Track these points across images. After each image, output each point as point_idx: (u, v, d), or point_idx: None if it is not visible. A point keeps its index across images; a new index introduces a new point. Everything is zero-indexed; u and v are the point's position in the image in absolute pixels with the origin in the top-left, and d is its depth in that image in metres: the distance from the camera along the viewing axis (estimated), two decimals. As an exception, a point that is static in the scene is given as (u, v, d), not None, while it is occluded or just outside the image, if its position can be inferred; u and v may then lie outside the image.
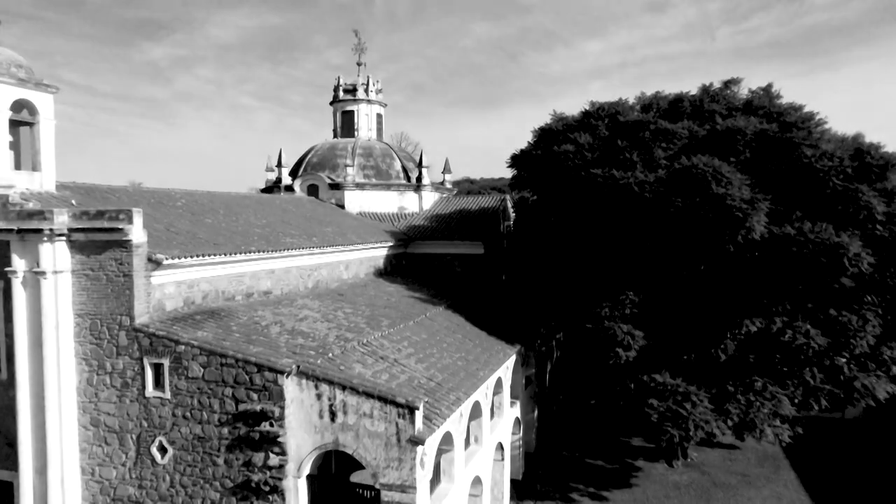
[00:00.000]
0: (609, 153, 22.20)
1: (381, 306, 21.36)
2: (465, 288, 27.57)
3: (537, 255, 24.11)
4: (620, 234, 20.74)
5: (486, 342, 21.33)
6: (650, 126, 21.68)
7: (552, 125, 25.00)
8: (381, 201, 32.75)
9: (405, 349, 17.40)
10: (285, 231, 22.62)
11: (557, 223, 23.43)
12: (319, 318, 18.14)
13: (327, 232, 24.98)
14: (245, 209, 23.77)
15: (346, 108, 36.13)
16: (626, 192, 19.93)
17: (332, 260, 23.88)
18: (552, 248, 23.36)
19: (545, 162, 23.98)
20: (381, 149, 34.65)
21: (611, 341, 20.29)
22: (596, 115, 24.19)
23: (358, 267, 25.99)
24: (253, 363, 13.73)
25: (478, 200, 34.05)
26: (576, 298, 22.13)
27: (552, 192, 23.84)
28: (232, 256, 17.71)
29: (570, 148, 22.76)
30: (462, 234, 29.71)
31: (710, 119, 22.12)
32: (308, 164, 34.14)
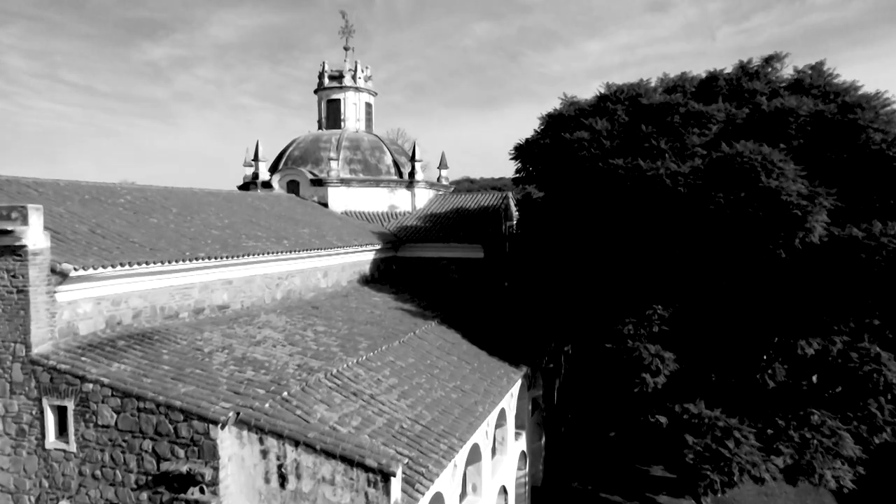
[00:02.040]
0: (631, 141, 18.83)
1: (362, 322, 18.00)
2: (462, 297, 24.22)
3: (545, 260, 20.77)
4: (647, 236, 17.40)
5: (486, 364, 17.97)
6: (679, 109, 18.30)
7: (563, 110, 21.63)
8: (368, 199, 29.38)
9: (386, 380, 14.04)
10: (251, 233, 19.25)
11: (569, 223, 20.07)
12: (282, 339, 14.79)
13: (303, 234, 21.62)
14: (206, 207, 20.42)
15: (331, 97, 32.75)
16: (654, 186, 16.58)
17: (308, 266, 20.53)
18: (563, 253, 20.02)
19: (555, 152, 20.63)
20: (370, 141, 31.29)
21: (636, 365, 16.95)
22: (613, 99, 20.81)
23: (339, 274, 22.64)
24: (178, 409, 10.37)
25: (477, 198, 30.70)
26: (592, 312, 18.78)
27: (563, 186, 20.48)
28: (173, 265, 14.35)
29: (585, 135, 19.40)
30: (459, 236, 26.36)
31: (750, 100, 18.77)
32: (289, 158, 30.78)
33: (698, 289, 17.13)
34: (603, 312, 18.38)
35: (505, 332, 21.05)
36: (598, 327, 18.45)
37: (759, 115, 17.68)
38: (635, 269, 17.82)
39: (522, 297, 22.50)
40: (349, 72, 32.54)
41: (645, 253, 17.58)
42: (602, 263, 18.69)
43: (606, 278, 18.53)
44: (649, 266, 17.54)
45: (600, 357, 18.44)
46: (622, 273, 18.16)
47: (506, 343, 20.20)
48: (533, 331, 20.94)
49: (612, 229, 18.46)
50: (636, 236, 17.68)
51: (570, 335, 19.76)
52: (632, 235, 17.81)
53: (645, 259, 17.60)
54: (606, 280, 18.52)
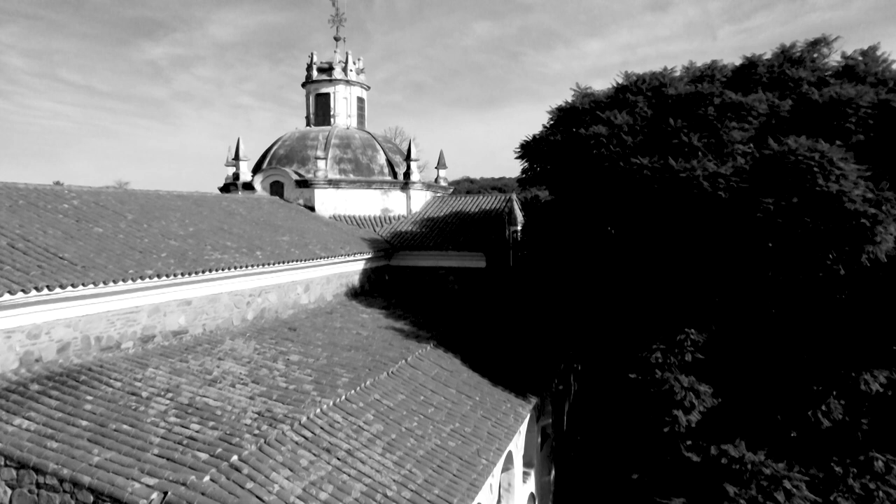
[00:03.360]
0: (656, 137, 16.32)
1: (346, 347, 15.48)
2: (462, 311, 21.70)
3: (557, 272, 18.29)
4: (678, 248, 14.91)
5: (490, 396, 15.45)
6: (713, 99, 15.79)
7: (576, 103, 19.09)
8: (359, 201, 26.85)
9: (369, 426, 11.52)
10: (219, 243, 16.73)
11: (584, 230, 17.59)
12: (245, 374, 12.27)
13: (282, 242, 19.10)
14: (169, 213, 17.88)
15: (320, 91, 30.22)
16: (688, 190, 14.06)
17: (286, 280, 18.01)
18: (577, 264, 17.54)
19: (567, 150, 18.11)
20: (362, 139, 28.76)
21: (665, 399, 14.46)
22: (634, 89, 18.28)
23: (323, 287, 20.11)
24: (86, 487, 7.87)
25: (478, 201, 28.18)
26: (612, 336, 16.30)
27: (576, 188, 17.96)
28: (111, 286, 11.84)
29: (603, 130, 16.87)
30: (459, 243, 23.84)
31: (796, 89, 16.24)
32: (273, 157, 28.24)
33: (740, 310, 14.61)
34: (625, 336, 15.89)
35: (511, 354, 18.56)
36: (619, 353, 15.97)
37: (809, 107, 15.15)
38: (664, 285, 15.31)
39: (531, 315, 20.02)
40: (339, 64, 30.01)
41: (676, 267, 15.07)
42: (624, 278, 16.19)
43: (629, 296, 16.02)
44: (681, 282, 15.03)
45: (621, 387, 15.95)
46: (648, 290, 15.66)
47: (512, 367, 17.68)
48: (543, 354, 18.47)
49: (635, 238, 15.97)
50: (665, 247, 15.19)
51: (587, 361, 17.27)
52: (660, 246, 15.32)
53: (676, 274, 15.09)
54: (629, 298, 16.02)
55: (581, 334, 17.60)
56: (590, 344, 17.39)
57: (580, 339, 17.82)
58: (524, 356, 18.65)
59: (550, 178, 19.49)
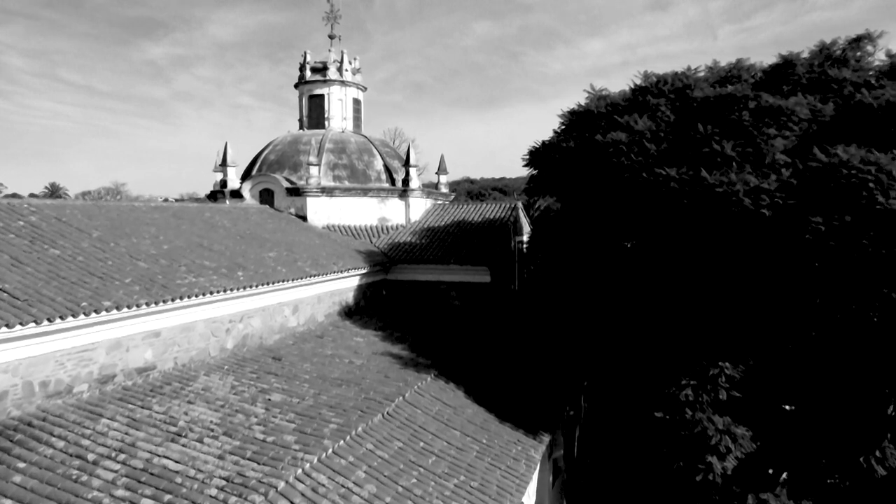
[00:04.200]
0: (683, 144, 14.65)
1: (336, 381, 13.79)
2: (465, 331, 20.02)
3: (568, 291, 16.63)
4: (711, 270, 13.22)
5: (497, 437, 13.75)
6: (748, 103, 14.10)
7: (590, 106, 17.42)
8: (355, 210, 25.15)
9: (361, 488, 9.81)
10: (195, 262, 15.03)
11: (600, 246, 15.93)
12: (216, 423, 10.57)
13: (267, 259, 17.40)
14: (142, 228, 16.19)
15: (313, 92, 28.51)
16: (725, 207, 12.37)
17: (272, 302, 16.32)
18: (592, 283, 15.88)
19: (581, 158, 16.43)
20: (358, 143, 27.06)
21: (698, 443, 12.77)
22: (655, 91, 16.60)
23: (314, 307, 18.42)
24: None
25: (481, 209, 26.49)
26: (633, 366, 14.62)
27: (592, 200, 16.28)
28: (56, 323, 10.15)
29: (622, 137, 15.18)
30: (461, 256, 22.15)
31: (839, 92, 14.57)
32: (263, 162, 26.55)
33: (782, 342, 12.92)
34: (648, 367, 14.21)
35: (519, 382, 16.89)
36: (641, 386, 14.30)
37: (856, 112, 13.47)
38: (694, 311, 13.62)
39: (540, 336, 18.34)
40: (334, 63, 28.31)
41: (708, 291, 13.38)
42: (647, 301, 14.50)
43: (653, 321, 14.34)
44: (714, 308, 13.33)
45: (644, 425, 14.27)
46: (675, 316, 13.97)
47: (521, 398, 16.01)
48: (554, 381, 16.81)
49: (661, 258, 14.30)
50: (696, 268, 13.50)
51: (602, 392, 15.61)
52: (689, 267, 13.64)
53: (708, 299, 13.40)
54: (653, 324, 14.33)
55: (596, 362, 15.92)
56: (606, 373, 15.72)
57: (595, 368, 16.15)
58: (533, 384, 16.98)
59: (562, 188, 17.81)
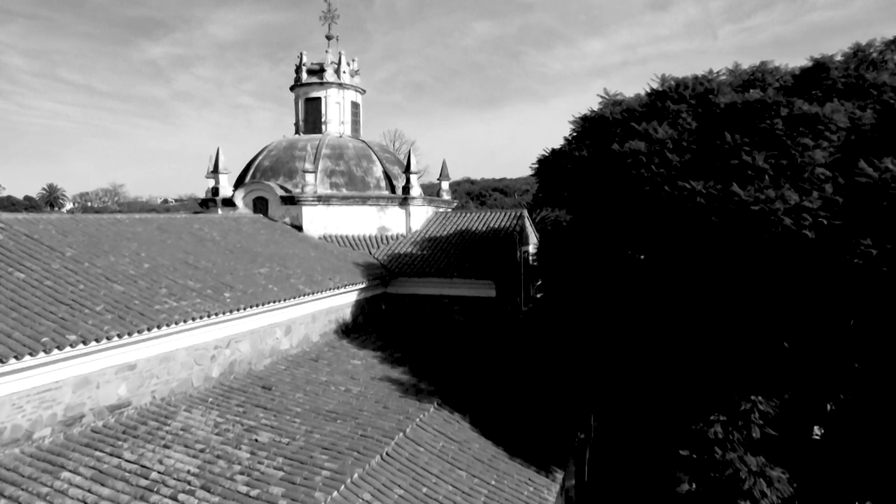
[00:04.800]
0: (708, 155, 13.46)
1: (331, 415, 12.59)
2: (468, 351, 18.82)
3: (581, 312, 15.46)
4: (743, 296, 12.03)
5: (508, 478, 12.54)
6: (780, 110, 12.92)
7: (604, 112, 16.24)
8: (353, 220, 23.95)
9: (355, 552, 8.64)
10: (179, 283, 13.84)
11: (617, 265, 14.75)
12: (194, 473, 9.38)
13: (258, 276, 16.22)
14: (123, 244, 15.00)
15: (310, 95, 27.34)
16: (761, 226, 11.18)
17: (262, 324, 15.13)
18: (608, 305, 14.71)
19: (596, 169, 15.28)
20: (356, 148, 25.87)
21: (729, 488, 11.60)
22: (674, 97, 15.40)
23: (309, 326, 17.23)
24: None
25: (485, 218, 25.29)
26: (653, 397, 13.44)
27: (607, 214, 15.10)
28: (11, 363, 8.96)
29: (641, 147, 13.99)
30: (465, 269, 20.96)
31: (878, 97, 13.37)
32: (257, 169, 25.36)
33: (824, 375, 11.73)
34: (672, 399, 13.02)
35: (528, 409, 15.70)
36: (664, 420, 13.11)
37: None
38: (723, 339, 12.42)
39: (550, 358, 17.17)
40: (332, 65, 27.13)
41: (740, 317, 12.19)
42: (670, 327, 13.31)
43: (677, 349, 13.15)
44: (746, 337, 12.14)
45: (666, 461, 13.10)
46: (702, 344, 12.78)
47: (531, 428, 14.82)
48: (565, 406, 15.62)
49: (686, 281, 13.10)
50: (726, 293, 12.31)
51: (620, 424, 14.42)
52: (719, 292, 12.45)
53: (739, 326, 12.21)
54: (677, 352, 13.14)
55: (611, 389, 14.75)
56: (622, 402, 14.54)
57: (609, 395, 14.97)
58: (543, 410, 15.79)
59: (573, 200, 16.62)
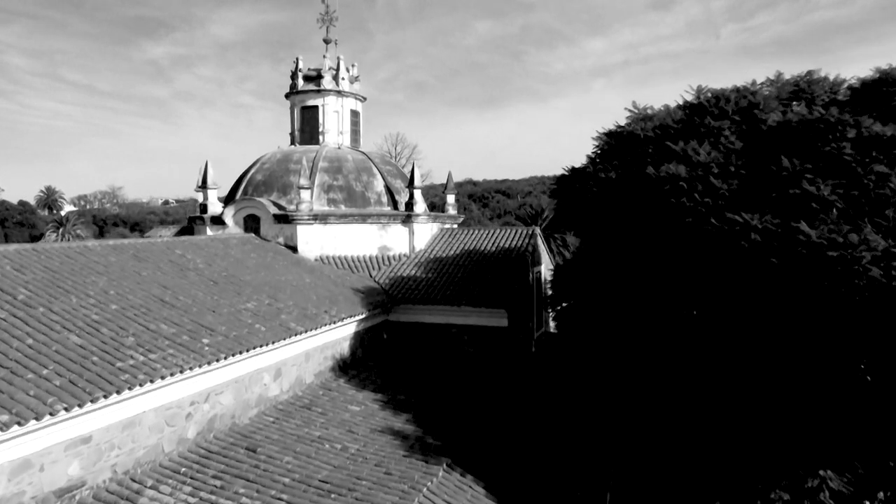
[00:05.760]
0: (761, 183, 11.68)
1: (323, 486, 10.78)
2: (479, 391, 17.00)
3: (610, 360, 13.69)
4: (812, 352, 10.22)
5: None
6: (847, 131, 11.11)
7: (634, 129, 14.44)
8: (352, 239, 22.16)
9: None
10: (148, 328, 12.03)
11: (652, 308, 12.93)
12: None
13: (245, 313, 14.43)
14: (90, 279, 13.20)
15: (307, 103, 25.54)
16: (837, 273, 9.37)
17: (247, 370, 13.33)
18: (642, 355, 12.92)
19: (625, 193, 13.49)
20: (356, 161, 24.08)
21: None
22: (714, 112, 13.60)
23: (301, 367, 15.44)
24: None
25: (495, 236, 23.48)
26: (695, 468, 11.62)
27: (641, 249, 13.30)
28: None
29: (681, 171, 12.18)
30: (474, 297, 19.14)
31: (959, 117, 11.57)
32: (249, 183, 23.58)
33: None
34: (719, 469, 11.21)
35: (550, 466, 13.89)
36: (711, 492, 11.29)
37: None
38: (785, 403, 10.61)
39: (572, 408, 15.38)
40: (330, 71, 25.34)
41: (805, 379, 10.37)
42: (719, 383, 11.50)
43: (728, 417, 11.34)
44: (814, 403, 10.33)
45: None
46: (758, 406, 10.96)
47: (555, 493, 13.02)
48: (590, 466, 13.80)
49: (735, 329, 11.28)
50: (787, 348, 10.50)
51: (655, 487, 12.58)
52: (777, 345, 10.63)
53: (805, 390, 10.39)
54: (729, 419, 11.33)
55: (643, 455, 12.95)
56: (657, 470, 12.72)
57: (641, 460, 13.16)
58: (566, 467, 13.98)
59: (598, 228, 14.80)
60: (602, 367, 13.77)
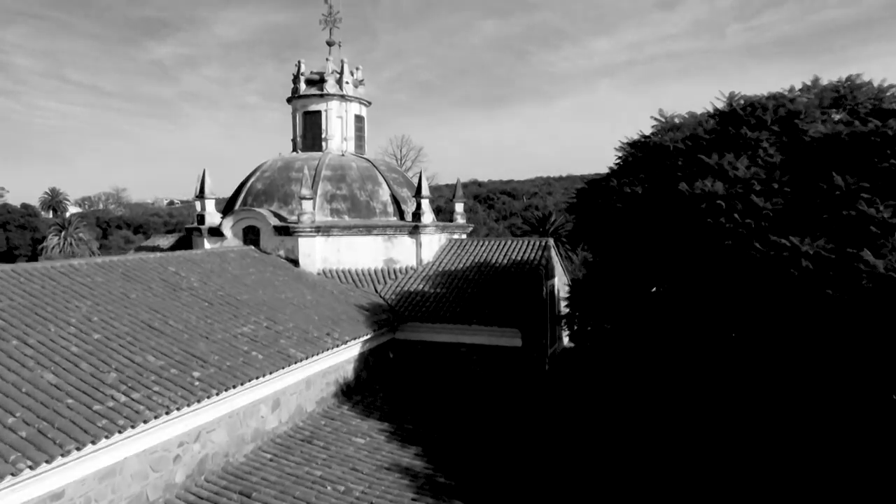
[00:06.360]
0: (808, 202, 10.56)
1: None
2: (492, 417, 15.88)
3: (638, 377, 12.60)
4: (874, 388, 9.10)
5: None
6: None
7: (660, 138, 13.32)
8: (357, 252, 21.08)
9: None
10: (133, 361, 10.97)
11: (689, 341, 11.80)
12: None
13: (240, 339, 13.36)
14: (72, 304, 12.16)
15: (309, 108, 24.48)
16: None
17: (241, 404, 12.27)
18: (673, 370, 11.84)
19: (653, 210, 12.38)
20: (361, 169, 23.01)
21: None
22: (751, 121, 12.48)
23: (302, 395, 14.37)
24: None
25: (506, 247, 22.35)
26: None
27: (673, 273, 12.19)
28: None
29: (719, 188, 11.07)
30: (485, 315, 18.05)
31: None
32: (248, 192, 22.54)
33: None
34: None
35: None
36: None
37: None
38: (848, 447, 9.48)
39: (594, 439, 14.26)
40: (333, 74, 24.28)
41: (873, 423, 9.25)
42: (769, 418, 10.39)
43: (775, 445, 10.22)
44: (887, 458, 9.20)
45: None
46: (807, 443, 9.84)
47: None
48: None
49: (784, 362, 10.16)
50: (848, 388, 9.37)
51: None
52: (835, 383, 9.51)
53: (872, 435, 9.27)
54: (775, 448, 10.21)
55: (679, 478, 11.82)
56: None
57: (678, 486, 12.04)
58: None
59: (623, 248, 13.65)
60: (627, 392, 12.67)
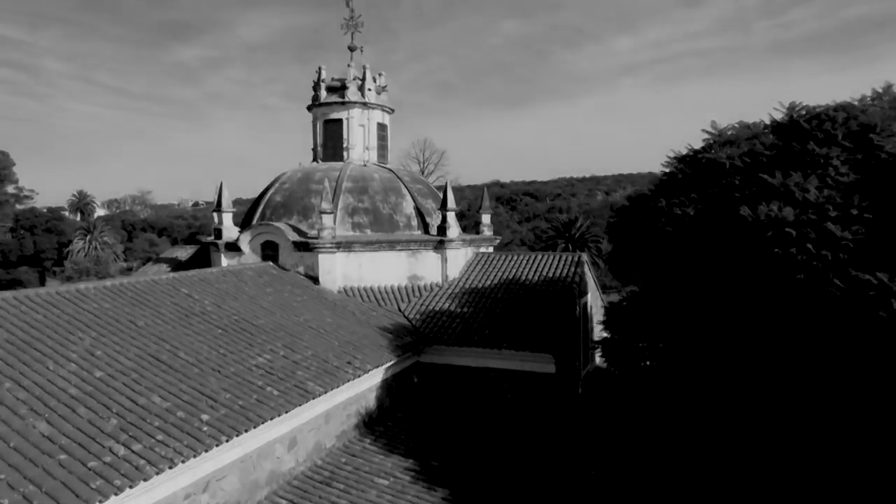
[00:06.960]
0: (886, 229, 9.27)
1: None
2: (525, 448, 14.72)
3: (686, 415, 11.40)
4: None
5: None
6: None
7: (714, 154, 12.04)
8: (380, 268, 20.05)
9: None
10: (137, 401, 10.04)
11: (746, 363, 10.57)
12: None
13: (254, 372, 12.39)
14: (73, 337, 11.29)
15: (330, 116, 23.52)
16: None
17: (255, 446, 11.28)
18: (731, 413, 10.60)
19: (708, 236, 11.15)
20: (383, 180, 21.99)
21: None
22: (819, 136, 11.17)
23: (321, 430, 13.36)
24: None
25: (536, 263, 21.13)
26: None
27: (734, 311, 10.92)
28: None
29: (788, 214, 9.82)
30: (516, 340, 16.90)
31: None
32: (267, 206, 21.65)
33: None
34: None
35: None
36: None
37: None
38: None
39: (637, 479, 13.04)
40: (355, 81, 23.28)
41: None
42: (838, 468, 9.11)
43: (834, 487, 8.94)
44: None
45: None
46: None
47: None
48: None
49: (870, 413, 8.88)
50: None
51: None
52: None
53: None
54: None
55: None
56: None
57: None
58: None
59: (672, 277, 12.39)
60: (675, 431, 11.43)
